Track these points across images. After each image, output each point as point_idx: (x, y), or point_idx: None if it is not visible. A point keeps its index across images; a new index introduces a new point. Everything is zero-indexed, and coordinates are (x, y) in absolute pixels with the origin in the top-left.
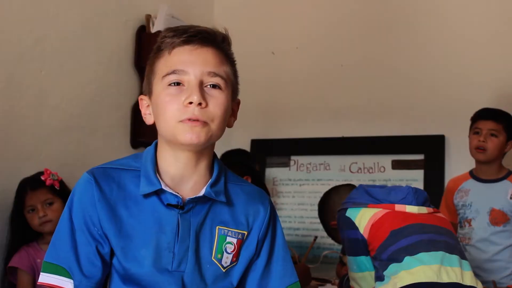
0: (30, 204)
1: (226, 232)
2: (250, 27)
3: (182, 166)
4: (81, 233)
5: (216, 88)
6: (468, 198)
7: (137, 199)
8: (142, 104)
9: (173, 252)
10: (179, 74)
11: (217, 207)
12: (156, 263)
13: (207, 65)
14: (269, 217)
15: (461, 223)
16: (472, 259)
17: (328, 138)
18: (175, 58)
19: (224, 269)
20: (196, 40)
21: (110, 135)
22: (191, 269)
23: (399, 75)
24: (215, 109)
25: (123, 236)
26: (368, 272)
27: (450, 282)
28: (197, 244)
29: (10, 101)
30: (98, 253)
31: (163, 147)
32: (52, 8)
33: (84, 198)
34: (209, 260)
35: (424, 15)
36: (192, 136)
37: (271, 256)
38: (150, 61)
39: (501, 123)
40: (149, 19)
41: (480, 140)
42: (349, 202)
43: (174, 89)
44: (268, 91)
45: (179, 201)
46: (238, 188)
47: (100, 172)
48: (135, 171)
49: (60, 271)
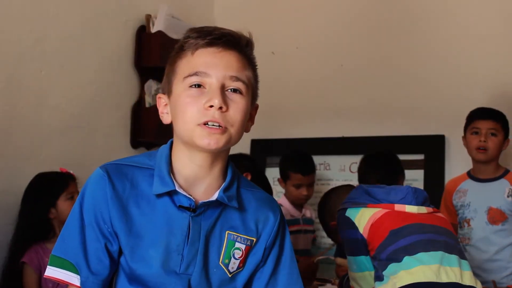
0: (71, 191)
1: (235, 237)
2: (250, 27)
3: (197, 167)
4: (91, 229)
5: (237, 93)
6: (466, 198)
7: (149, 199)
8: (160, 103)
9: (182, 255)
10: (201, 76)
11: (228, 212)
12: (164, 265)
13: (229, 69)
14: (278, 225)
15: (461, 223)
16: (472, 259)
17: (328, 138)
18: (198, 60)
19: (230, 274)
20: (220, 43)
21: (110, 135)
22: (198, 272)
23: (399, 75)
24: (235, 114)
25: (133, 235)
26: (368, 272)
27: (449, 282)
28: (207, 248)
29: (10, 101)
30: (106, 251)
31: (179, 148)
32: (52, 8)
33: (96, 194)
34: (216, 264)
35: (425, 16)
36: (210, 142)
37: (278, 265)
38: (171, 60)
39: (499, 122)
40: (149, 19)
41: (481, 140)
42: (349, 202)
43: (195, 91)
44: (268, 91)
45: (192, 203)
46: (250, 194)
47: (113, 168)
48: (149, 169)
49: (67, 266)
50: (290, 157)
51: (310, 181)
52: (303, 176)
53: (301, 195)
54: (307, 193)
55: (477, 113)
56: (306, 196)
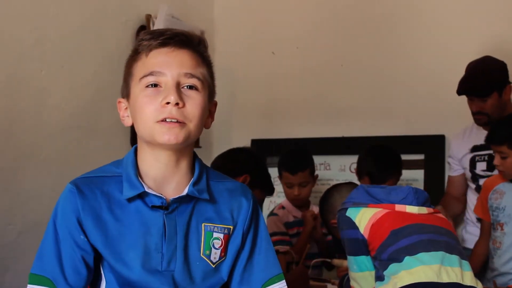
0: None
1: (212, 228)
2: (250, 27)
3: (163, 166)
4: (65, 243)
5: (193, 89)
6: (502, 201)
7: (122, 204)
8: (120, 107)
9: (162, 253)
10: (156, 75)
11: (201, 205)
12: (145, 265)
13: (183, 66)
14: (252, 209)
15: (494, 225)
16: (501, 264)
17: (328, 138)
18: (152, 60)
19: (213, 265)
20: (172, 43)
21: (110, 135)
22: (180, 267)
23: (399, 75)
24: (192, 109)
25: (110, 241)
26: (368, 272)
27: (450, 282)
28: (186, 242)
29: (10, 101)
30: (83, 262)
31: (143, 149)
32: (52, 8)
33: (67, 207)
34: (198, 257)
35: (425, 15)
36: (170, 137)
37: (254, 248)
38: (127, 64)
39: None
40: (149, 19)
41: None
42: (349, 202)
43: (152, 91)
44: (268, 91)
45: (163, 202)
46: (220, 185)
47: (82, 181)
48: (117, 176)
49: (45, 282)
50: (283, 155)
51: (300, 181)
52: (291, 175)
53: (293, 195)
54: (297, 193)
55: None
56: (297, 196)
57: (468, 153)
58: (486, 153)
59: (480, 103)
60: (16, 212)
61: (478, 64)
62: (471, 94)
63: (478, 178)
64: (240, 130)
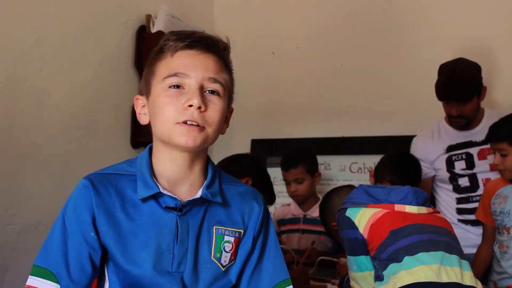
0: None
1: (223, 231)
2: (250, 27)
3: (178, 168)
4: (73, 238)
5: (215, 94)
6: (506, 205)
7: (135, 203)
8: (137, 104)
9: (173, 254)
10: (180, 77)
11: (213, 208)
12: (156, 266)
13: (208, 70)
14: (263, 214)
15: (499, 229)
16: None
17: (328, 138)
18: (178, 61)
19: (223, 268)
20: (199, 46)
21: (110, 135)
22: (190, 269)
23: (399, 75)
24: (213, 114)
25: (122, 240)
26: (368, 272)
27: (449, 282)
28: (197, 245)
29: (10, 101)
30: (90, 259)
31: (159, 149)
32: (52, 8)
33: (80, 203)
34: (208, 259)
35: (425, 15)
36: (188, 140)
37: (263, 253)
38: (149, 62)
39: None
40: (149, 19)
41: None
42: (349, 202)
43: (174, 91)
44: (268, 91)
45: (178, 203)
46: (232, 188)
47: (97, 177)
48: (131, 175)
49: (48, 275)
50: (283, 154)
51: (294, 177)
52: (284, 172)
53: (290, 192)
54: (293, 189)
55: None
56: (293, 193)
57: (443, 153)
58: (463, 151)
59: (461, 107)
60: (16, 212)
61: (456, 68)
62: (455, 99)
63: (457, 177)
64: (240, 130)
